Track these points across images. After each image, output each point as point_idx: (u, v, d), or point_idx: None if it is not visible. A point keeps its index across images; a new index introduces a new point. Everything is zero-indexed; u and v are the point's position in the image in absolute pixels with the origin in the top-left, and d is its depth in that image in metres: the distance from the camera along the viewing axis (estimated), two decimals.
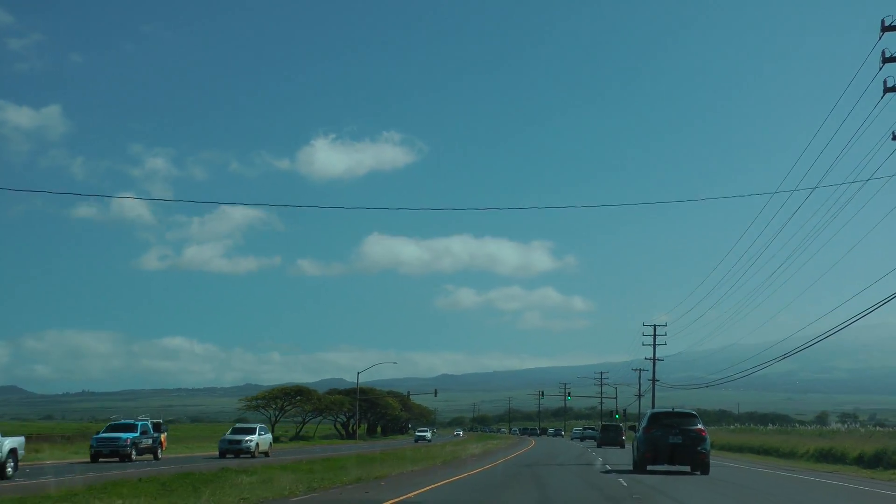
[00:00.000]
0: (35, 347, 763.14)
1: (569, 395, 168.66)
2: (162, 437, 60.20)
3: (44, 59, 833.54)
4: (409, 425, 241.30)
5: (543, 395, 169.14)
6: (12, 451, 37.89)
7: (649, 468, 40.24)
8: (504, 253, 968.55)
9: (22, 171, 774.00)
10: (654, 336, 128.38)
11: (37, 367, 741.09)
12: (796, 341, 52.85)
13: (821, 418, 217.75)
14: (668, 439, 39.14)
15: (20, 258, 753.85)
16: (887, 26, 35.86)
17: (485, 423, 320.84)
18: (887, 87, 36.78)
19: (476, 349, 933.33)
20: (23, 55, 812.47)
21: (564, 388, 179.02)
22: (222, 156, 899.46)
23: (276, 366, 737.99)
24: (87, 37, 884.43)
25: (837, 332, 44.71)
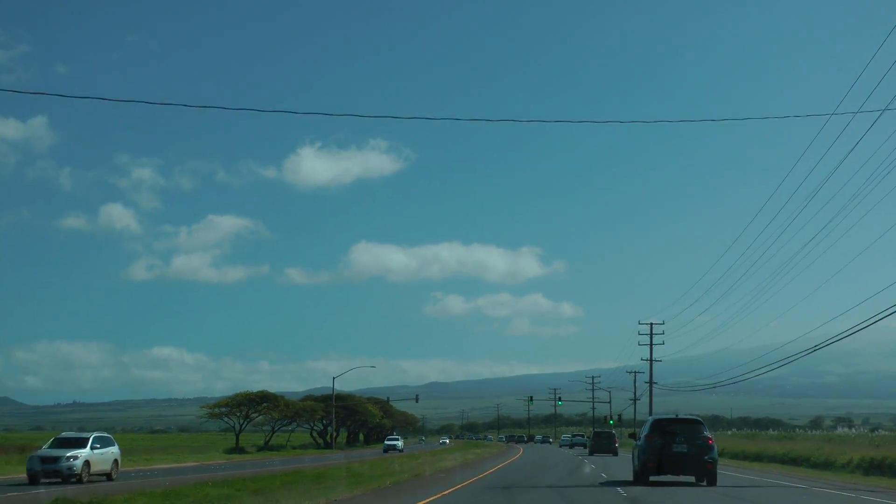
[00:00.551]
0: (25, 358, 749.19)
1: (559, 400, 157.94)
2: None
3: (30, 70, 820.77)
4: (394, 433, 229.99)
5: (532, 400, 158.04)
6: None
7: (652, 479, 37.21)
8: (492, 260, 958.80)
9: (9, 183, 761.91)
10: (651, 335, 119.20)
11: (27, 378, 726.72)
12: (797, 346, 51.72)
13: (816, 423, 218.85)
14: (672, 448, 36.35)
15: (9, 269, 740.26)
16: None
17: (474, 430, 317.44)
18: None
19: (465, 356, 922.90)
20: (8, 66, 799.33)
21: (555, 393, 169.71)
22: (209, 165, 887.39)
23: (264, 375, 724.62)
24: (72, 47, 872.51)
25: (842, 338, 43.47)
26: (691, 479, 37.71)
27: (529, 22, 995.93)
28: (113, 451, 46.85)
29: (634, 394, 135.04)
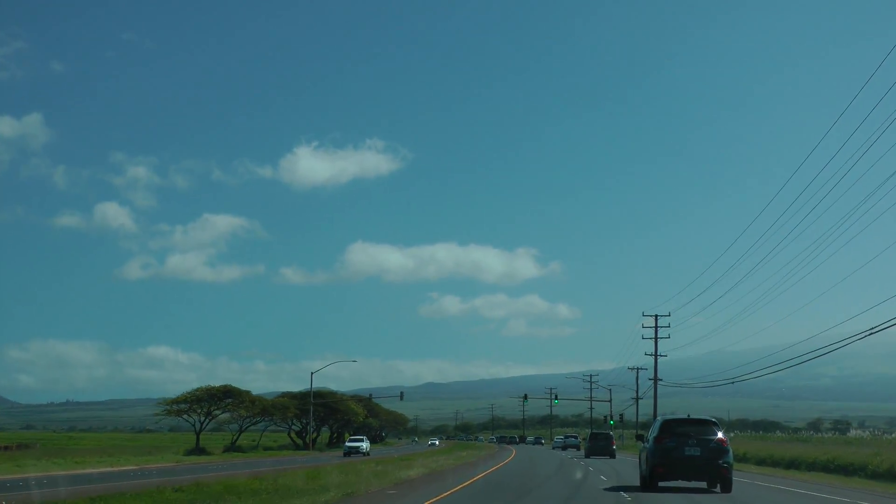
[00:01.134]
0: (19, 357, 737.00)
1: (556, 399, 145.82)
2: None
3: (25, 67, 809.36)
4: (383, 434, 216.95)
5: (527, 398, 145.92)
6: None
7: (661, 484, 34.20)
8: (488, 260, 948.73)
9: (4, 181, 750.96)
10: (656, 328, 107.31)
11: (21, 377, 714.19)
12: (795, 351, 50.93)
13: (814, 425, 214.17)
14: (683, 451, 33.14)
15: (2, 268, 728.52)
16: None
17: (468, 430, 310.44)
18: None
19: (461, 357, 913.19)
20: (3, 64, 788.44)
21: (550, 392, 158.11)
22: (205, 164, 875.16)
23: (260, 374, 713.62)
24: (68, 45, 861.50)
25: (840, 347, 43.18)
26: (702, 484, 34.62)
27: (529, 23, 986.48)
28: None
29: (637, 392, 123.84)
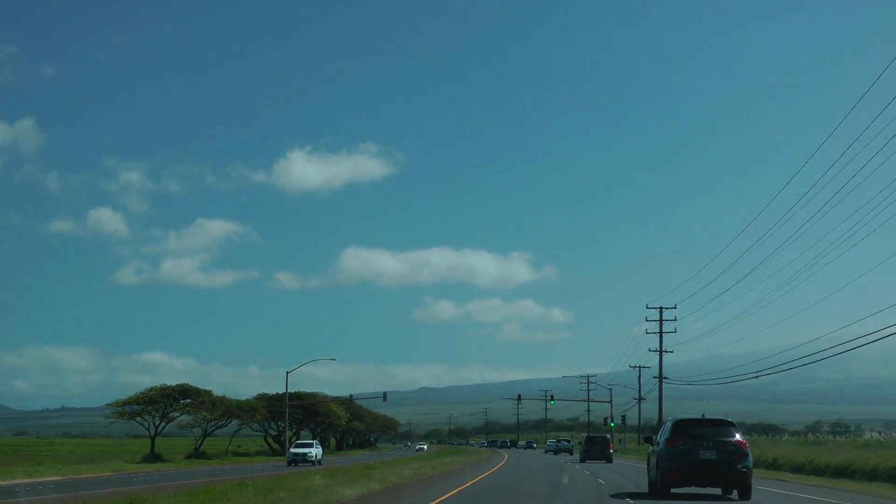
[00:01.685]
0: (13, 363, 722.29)
1: (551, 400, 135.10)
2: None
3: (17, 72, 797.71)
4: (372, 438, 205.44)
5: (521, 399, 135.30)
6: None
7: (674, 491, 30.76)
8: (483, 265, 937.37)
9: None
10: (661, 321, 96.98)
11: (15, 383, 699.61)
12: (791, 354, 53.15)
13: (813, 428, 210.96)
14: (698, 454, 29.51)
15: None
16: None
17: (462, 435, 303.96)
18: None
19: (456, 361, 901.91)
20: None
21: (545, 393, 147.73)
22: (198, 169, 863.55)
23: (254, 379, 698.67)
24: (60, 50, 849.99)
25: (836, 354, 44.40)
26: (716, 490, 32.33)
27: (522, 29, 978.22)
28: None
29: (639, 391, 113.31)
